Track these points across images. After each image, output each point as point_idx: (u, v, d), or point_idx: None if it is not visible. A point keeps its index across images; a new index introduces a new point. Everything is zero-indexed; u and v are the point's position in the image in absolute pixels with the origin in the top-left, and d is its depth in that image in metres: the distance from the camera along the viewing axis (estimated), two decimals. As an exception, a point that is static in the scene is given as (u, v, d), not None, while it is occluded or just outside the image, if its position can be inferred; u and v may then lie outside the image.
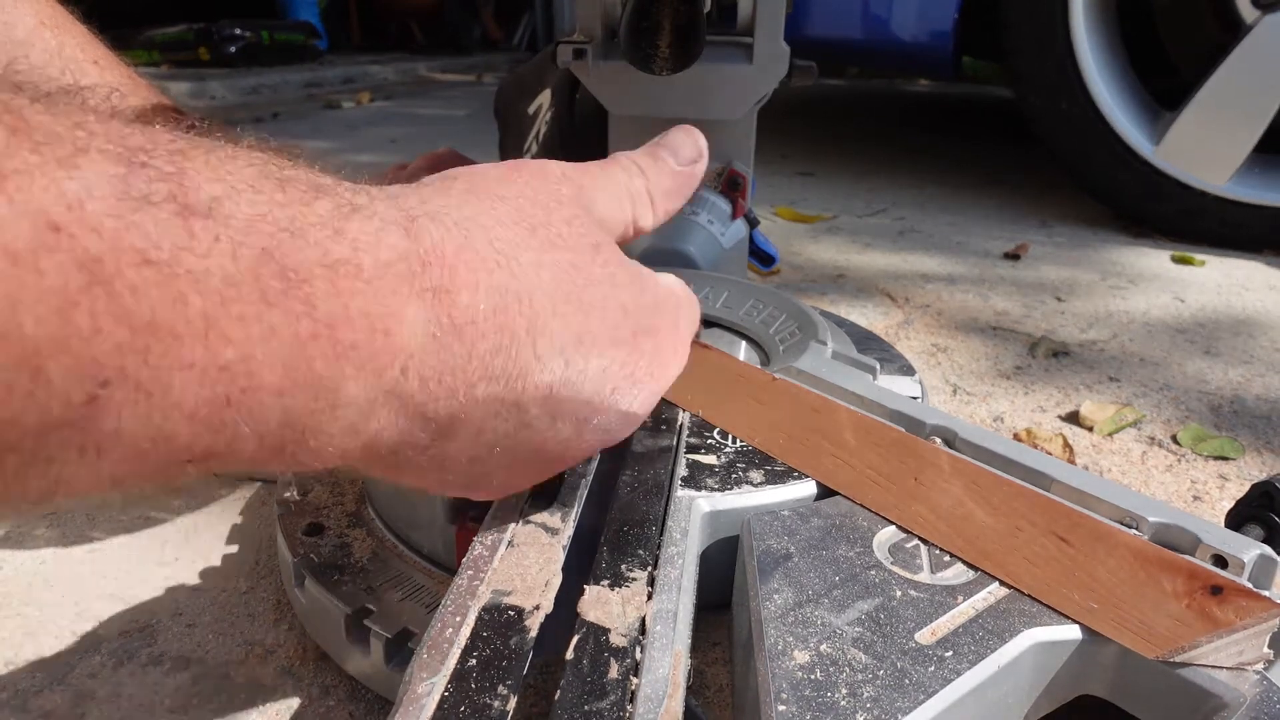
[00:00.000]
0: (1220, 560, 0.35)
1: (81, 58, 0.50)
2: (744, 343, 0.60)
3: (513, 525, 0.37)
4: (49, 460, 0.20)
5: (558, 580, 0.34)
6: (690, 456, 0.44)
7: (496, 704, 0.28)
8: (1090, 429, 0.71)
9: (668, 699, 0.28)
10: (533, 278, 0.29)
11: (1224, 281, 1.13)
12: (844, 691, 0.30)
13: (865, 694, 0.30)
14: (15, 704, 0.42)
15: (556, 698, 0.29)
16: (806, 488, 0.42)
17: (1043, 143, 1.40)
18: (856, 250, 1.25)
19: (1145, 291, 1.09)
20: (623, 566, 0.35)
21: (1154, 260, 1.23)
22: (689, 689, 0.31)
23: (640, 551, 0.36)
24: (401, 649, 0.39)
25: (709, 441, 0.46)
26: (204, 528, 0.56)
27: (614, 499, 0.40)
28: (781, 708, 0.29)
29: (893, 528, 0.39)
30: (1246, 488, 0.47)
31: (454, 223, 0.28)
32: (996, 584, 0.36)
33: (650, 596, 0.33)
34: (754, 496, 0.41)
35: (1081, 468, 0.53)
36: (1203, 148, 1.24)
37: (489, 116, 1.02)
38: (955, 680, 0.31)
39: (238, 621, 0.47)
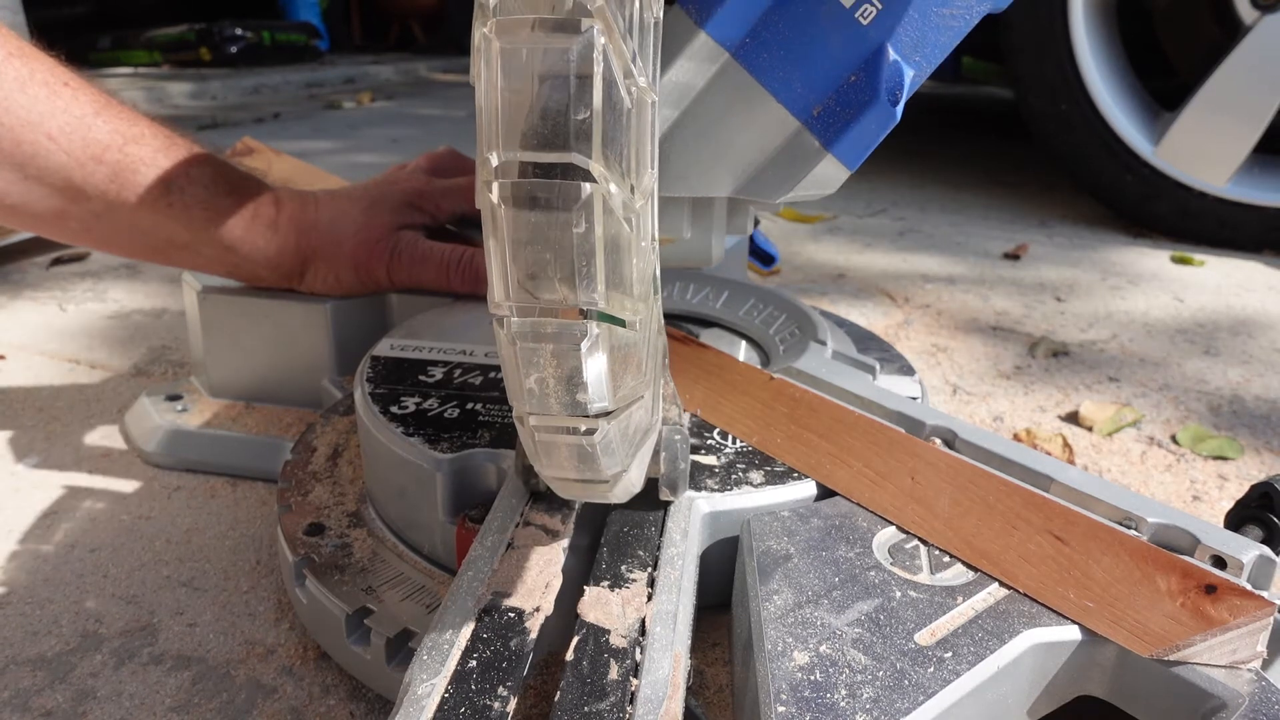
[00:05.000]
0: (1219, 561, 0.35)
1: (53, 80, 0.52)
2: (744, 343, 0.60)
3: (513, 527, 0.37)
4: None
5: (558, 582, 0.34)
6: (690, 457, 0.44)
7: (496, 705, 0.28)
8: (1090, 429, 0.71)
9: (667, 700, 0.29)
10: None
11: (1223, 282, 1.14)
12: (843, 692, 0.30)
13: (865, 695, 0.30)
14: (17, 703, 0.42)
15: (556, 699, 0.29)
16: (806, 488, 0.42)
17: (1042, 144, 1.40)
18: (856, 250, 1.25)
19: (1145, 292, 1.09)
20: (623, 567, 0.35)
21: (1153, 260, 1.23)
22: (689, 690, 0.31)
23: (640, 552, 0.36)
24: (402, 649, 0.39)
25: (709, 442, 0.46)
26: (205, 527, 0.56)
27: (614, 500, 0.40)
28: (781, 708, 0.29)
29: (892, 528, 0.39)
30: (1246, 488, 0.47)
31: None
32: (996, 585, 0.36)
33: (650, 597, 0.33)
34: (754, 497, 0.41)
35: (1081, 468, 0.53)
36: (1202, 148, 1.24)
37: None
38: (955, 681, 0.31)
39: (238, 621, 0.47)
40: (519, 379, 0.26)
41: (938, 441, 0.44)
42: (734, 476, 0.42)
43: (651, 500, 0.40)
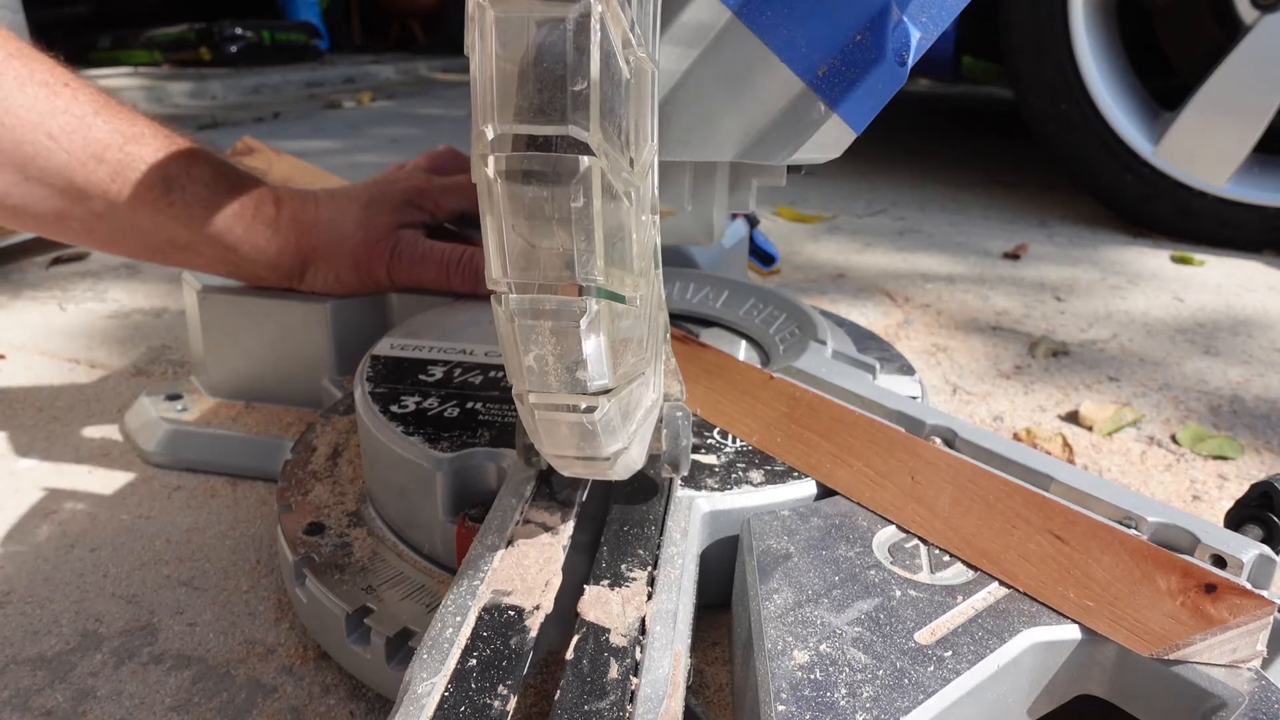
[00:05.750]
0: (1219, 560, 0.35)
1: (53, 80, 0.52)
2: (744, 342, 0.60)
3: (513, 525, 0.37)
4: None
5: (558, 580, 0.34)
6: (690, 456, 0.44)
7: (496, 704, 0.28)
8: (1090, 429, 0.71)
9: (667, 699, 0.29)
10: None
11: (1223, 282, 1.14)
12: (843, 691, 0.30)
13: (865, 694, 0.30)
14: (17, 702, 0.42)
15: (556, 698, 0.29)
16: (806, 488, 0.42)
17: (1042, 144, 1.40)
18: (856, 250, 1.25)
19: (1145, 291, 1.09)
20: (623, 566, 0.35)
21: (1153, 260, 1.23)
22: (689, 689, 0.31)
23: (640, 551, 0.36)
24: (401, 648, 0.39)
25: (709, 441, 0.46)
26: (205, 527, 0.56)
27: (614, 499, 0.40)
28: (781, 707, 0.29)
29: (892, 527, 0.39)
30: (1245, 487, 0.47)
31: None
32: (996, 584, 0.36)
33: (650, 596, 0.33)
34: (754, 496, 0.41)
35: (1081, 468, 0.53)
36: (1202, 148, 1.24)
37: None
38: (955, 680, 0.31)
39: (238, 620, 0.47)
40: (517, 356, 0.26)
41: (938, 441, 0.44)
42: (734, 475, 0.42)
43: (652, 498, 0.40)
